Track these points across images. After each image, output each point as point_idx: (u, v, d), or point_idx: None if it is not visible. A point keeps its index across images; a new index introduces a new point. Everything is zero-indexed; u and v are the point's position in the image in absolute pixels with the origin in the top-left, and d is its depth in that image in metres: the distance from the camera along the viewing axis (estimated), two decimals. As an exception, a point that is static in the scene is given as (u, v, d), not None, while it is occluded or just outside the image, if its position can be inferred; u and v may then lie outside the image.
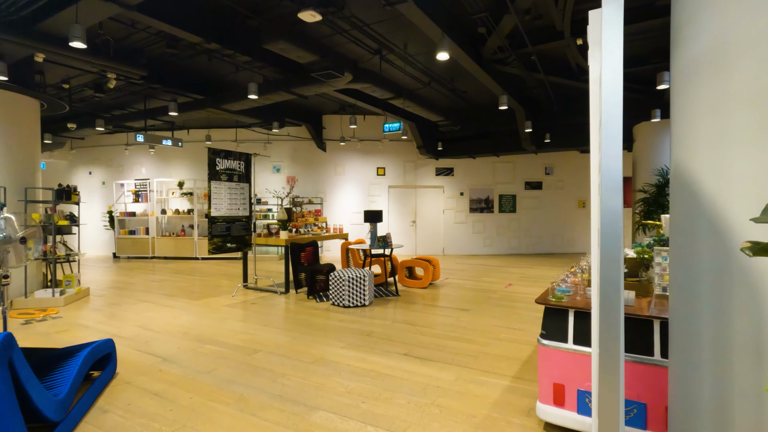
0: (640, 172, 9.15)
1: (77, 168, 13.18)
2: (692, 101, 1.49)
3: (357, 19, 5.66)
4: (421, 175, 12.25)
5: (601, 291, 1.38)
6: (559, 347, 2.46)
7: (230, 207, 6.53)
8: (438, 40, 4.72)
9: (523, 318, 5.18)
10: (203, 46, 6.38)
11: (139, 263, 10.84)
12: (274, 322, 5.04)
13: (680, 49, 1.55)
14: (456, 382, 3.28)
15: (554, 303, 2.51)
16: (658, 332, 2.22)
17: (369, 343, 4.26)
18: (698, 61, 1.43)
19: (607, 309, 1.38)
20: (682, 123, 1.59)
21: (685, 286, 1.61)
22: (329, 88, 6.65)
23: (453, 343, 4.23)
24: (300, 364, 3.69)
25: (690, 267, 1.57)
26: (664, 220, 3.15)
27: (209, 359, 3.82)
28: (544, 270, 9.29)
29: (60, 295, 6.01)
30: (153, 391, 3.17)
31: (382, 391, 3.13)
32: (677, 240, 1.66)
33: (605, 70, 1.27)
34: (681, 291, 1.65)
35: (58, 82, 7.63)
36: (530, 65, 7.19)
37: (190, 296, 6.60)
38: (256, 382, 3.30)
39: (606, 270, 1.36)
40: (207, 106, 7.77)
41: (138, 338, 4.46)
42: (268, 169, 12.01)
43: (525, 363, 3.68)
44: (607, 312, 1.37)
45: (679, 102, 1.61)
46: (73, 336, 4.56)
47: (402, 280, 7.37)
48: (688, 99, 1.52)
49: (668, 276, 2.46)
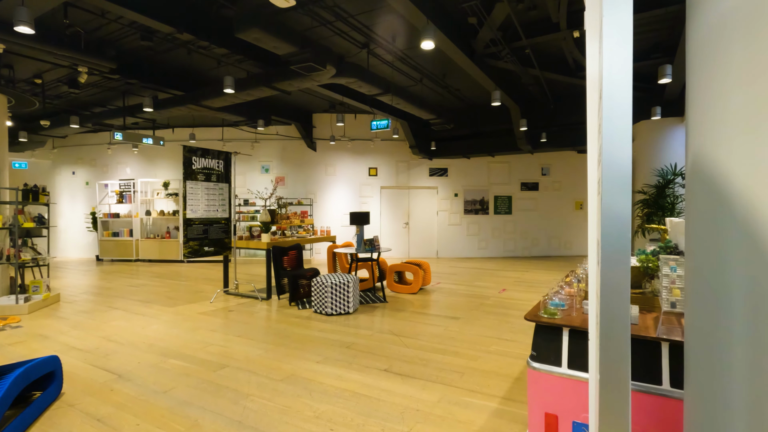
0: (639, 172, 8.84)
1: (60, 168, 12.79)
2: (718, 73, 1.16)
3: (340, 9, 5.33)
4: (415, 175, 11.92)
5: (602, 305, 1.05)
6: (552, 371, 2.12)
7: (208, 208, 6.17)
8: (422, 27, 4.39)
9: (516, 327, 4.85)
10: (180, 40, 6.04)
11: (122, 266, 10.47)
12: (249, 333, 4.69)
13: (702, 7, 1.22)
14: (438, 404, 2.94)
15: (546, 320, 2.18)
16: (667, 357, 1.88)
17: (348, 356, 3.91)
18: (728, 19, 1.10)
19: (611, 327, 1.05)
20: (702, 103, 1.25)
21: (707, 304, 1.28)
22: (312, 82, 6.31)
23: (439, 357, 3.89)
24: (268, 382, 3.34)
25: (715, 281, 1.23)
26: (670, 224, 2.82)
27: (169, 376, 3.47)
28: (540, 274, 8.96)
29: (25, 302, 5.64)
30: (97, 415, 2.82)
31: (354, 416, 2.78)
32: (696, 248, 1.33)
33: (608, 22, 0.94)
34: (702, 310, 1.31)
35: (30, 77, 7.26)
36: (525, 60, 6.87)
37: (166, 303, 6.24)
38: (216, 405, 2.95)
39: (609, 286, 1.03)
40: (187, 102, 7.41)
41: (98, 351, 4.10)
42: (257, 169, 11.66)
43: (516, 381, 3.34)
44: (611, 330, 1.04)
45: (699, 77, 1.27)
46: (27, 348, 4.20)
47: (391, 285, 7.03)
48: (712, 71, 1.18)
49: (677, 290, 2.12)
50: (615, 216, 0.91)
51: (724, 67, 1.12)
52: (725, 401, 1.23)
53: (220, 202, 6.39)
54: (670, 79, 5.85)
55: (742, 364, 1.16)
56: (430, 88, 8.52)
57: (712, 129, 1.20)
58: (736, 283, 1.15)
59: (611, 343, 1.01)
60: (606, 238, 0.90)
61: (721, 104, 1.15)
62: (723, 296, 1.20)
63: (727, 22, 1.10)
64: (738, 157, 1.11)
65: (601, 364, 1.11)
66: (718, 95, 1.16)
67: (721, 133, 1.15)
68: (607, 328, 1.00)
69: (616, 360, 1.08)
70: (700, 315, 1.32)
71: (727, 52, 1.12)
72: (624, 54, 0.98)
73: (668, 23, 5.89)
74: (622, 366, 1.03)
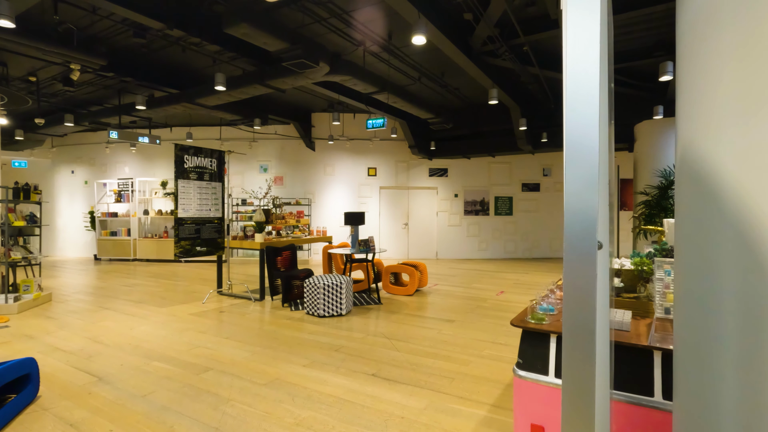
0: (641, 173, 8.68)
1: (59, 167, 12.78)
2: (709, 55, 1.04)
3: (333, 4, 5.23)
4: (414, 175, 11.80)
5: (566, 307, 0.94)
6: (539, 380, 2.01)
7: (200, 207, 6.08)
8: (414, 21, 4.28)
9: (512, 331, 4.72)
10: (173, 37, 5.96)
11: (119, 266, 10.41)
12: (238, 334, 4.59)
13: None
14: (424, 412, 2.82)
15: (533, 325, 2.06)
16: (659, 366, 1.76)
17: (335, 360, 3.80)
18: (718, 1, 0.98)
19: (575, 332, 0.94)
20: (692, 92, 1.14)
21: (697, 308, 1.16)
22: (306, 80, 6.21)
23: (429, 362, 3.77)
24: (251, 386, 3.24)
25: (705, 285, 1.12)
26: (667, 225, 2.69)
27: (151, 380, 3.37)
28: (539, 276, 8.81)
29: (14, 302, 5.57)
30: (71, 420, 2.72)
31: (336, 423, 2.67)
32: (684, 248, 1.21)
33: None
34: (691, 315, 1.19)
35: (24, 75, 7.21)
36: (524, 58, 6.74)
37: (159, 303, 6.16)
38: (194, 410, 2.85)
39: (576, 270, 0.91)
40: (181, 100, 7.34)
41: (81, 352, 4.02)
42: (255, 169, 11.58)
43: (507, 387, 3.22)
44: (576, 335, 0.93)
45: (688, 61, 1.16)
46: (10, 349, 4.12)
47: (387, 287, 6.91)
48: (702, 52, 1.07)
49: (672, 295, 2.00)
50: (578, 211, 0.80)
51: (715, 49, 1.01)
52: (716, 414, 1.11)
53: (213, 201, 6.30)
54: (671, 77, 5.71)
55: (733, 373, 1.05)
56: (428, 87, 8.40)
57: (702, 118, 1.08)
58: (727, 286, 1.04)
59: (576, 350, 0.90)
60: (570, 235, 0.79)
61: (711, 90, 1.04)
62: (713, 300, 1.09)
63: (717, 3, 0.99)
64: (729, 149, 0.99)
65: (564, 369, 1.00)
66: (708, 81, 1.04)
67: (711, 123, 1.04)
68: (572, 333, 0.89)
69: (579, 365, 0.97)
70: (689, 320, 1.20)
71: (720, 29, 1.00)
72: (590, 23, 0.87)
73: (669, 20, 5.74)
74: (586, 371, 0.92)
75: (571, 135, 0.83)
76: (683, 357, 1.23)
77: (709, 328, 1.09)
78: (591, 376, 0.84)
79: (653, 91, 7.78)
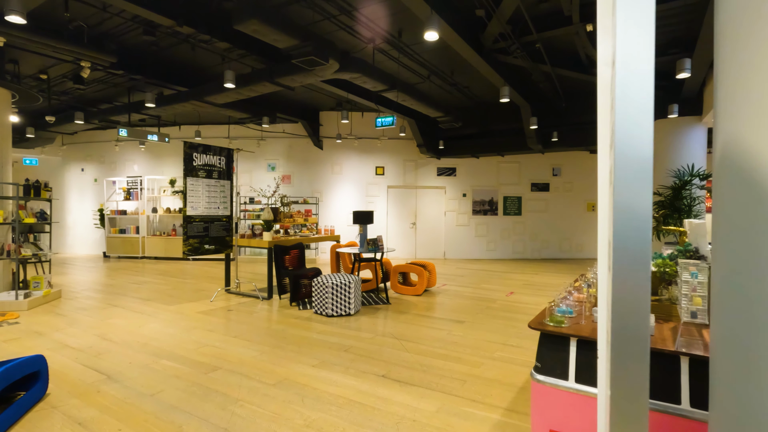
0: (655, 173, 8.49)
1: (69, 164, 12.87)
2: (756, 40, 0.97)
3: (344, 0, 5.18)
4: (422, 175, 11.73)
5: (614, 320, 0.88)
6: (558, 385, 1.94)
7: (209, 205, 6.07)
8: (426, 17, 4.21)
9: (523, 333, 4.64)
10: (183, 34, 5.95)
11: (128, 263, 10.46)
12: (246, 333, 4.56)
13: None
14: (436, 415, 2.76)
15: (552, 328, 1.99)
16: (686, 373, 1.68)
17: (345, 360, 3.76)
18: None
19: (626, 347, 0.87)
20: (736, 79, 1.07)
21: (740, 315, 1.09)
22: (315, 77, 6.16)
23: (440, 363, 3.71)
24: (260, 386, 3.20)
25: (751, 289, 1.05)
26: (689, 226, 2.60)
27: (159, 378, 3.35)
28: (549, 277, 8.71)
29: (24, 299, 5.60)
30: (79, 419, 2.70)
31: (347, 425, 2.62)
32: (726, 251, 1.14)
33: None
34: (733, 322, 1.12)
35: (35, 73, 7.25)
36: (535, 56, 6.64)
37: (167, 301, 6.16)
38: (203, 410, 2.82)
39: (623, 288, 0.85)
40: (190, 98, 7.33)
41: (90, 350, 4.01)
42: (263, 167, 11.58)
43: (521, 390, 3.15)
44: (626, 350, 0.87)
45: (730, 48, 1.09)
46: (20, 346, 4.12)
47: (395, 287, 6.86)
48: (749, 39, 1.00)
49: (699, 299, 1.92)
50: (631, 211, 0.74)
51: (764, 33, 0.94)
52: (757, 426, 1.04)
53: (221, 199, 6.29)
54: (689, 74, 5.59)
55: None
56: (437, 85, 8.32)
57: (747, 110, 1.01)
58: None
59: (628, 360, 0.84)
60: (619, 239, 0.73)
61: (759, 79, 0.97)
62: (759, 306, 1.02)
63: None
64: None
65: (613, 379, 0.94)
66: (755, 69, 0.97)
67: (758, 114, 0.97)
68: (621, 348, 0.83)
69: (632, 381, 0.91)
70: (731, 328, 1.13)
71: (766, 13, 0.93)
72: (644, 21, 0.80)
73: (686, 17, 5.62)
74: (640, 387, 0.86)
75: (622, 133, 0.77)
76: (723, 364, 1.16)
77: (755, 337, 1.02)
78: (644, 388, 0.78)
79: (668, 89, 7.64)
